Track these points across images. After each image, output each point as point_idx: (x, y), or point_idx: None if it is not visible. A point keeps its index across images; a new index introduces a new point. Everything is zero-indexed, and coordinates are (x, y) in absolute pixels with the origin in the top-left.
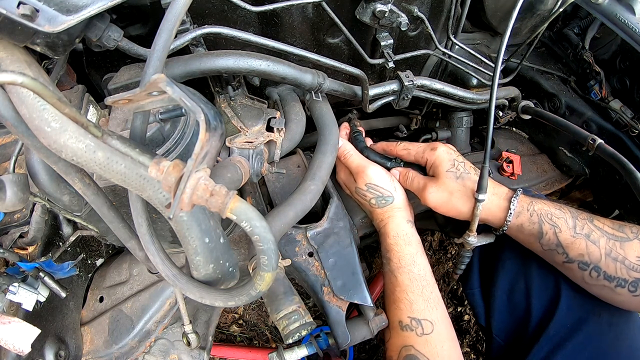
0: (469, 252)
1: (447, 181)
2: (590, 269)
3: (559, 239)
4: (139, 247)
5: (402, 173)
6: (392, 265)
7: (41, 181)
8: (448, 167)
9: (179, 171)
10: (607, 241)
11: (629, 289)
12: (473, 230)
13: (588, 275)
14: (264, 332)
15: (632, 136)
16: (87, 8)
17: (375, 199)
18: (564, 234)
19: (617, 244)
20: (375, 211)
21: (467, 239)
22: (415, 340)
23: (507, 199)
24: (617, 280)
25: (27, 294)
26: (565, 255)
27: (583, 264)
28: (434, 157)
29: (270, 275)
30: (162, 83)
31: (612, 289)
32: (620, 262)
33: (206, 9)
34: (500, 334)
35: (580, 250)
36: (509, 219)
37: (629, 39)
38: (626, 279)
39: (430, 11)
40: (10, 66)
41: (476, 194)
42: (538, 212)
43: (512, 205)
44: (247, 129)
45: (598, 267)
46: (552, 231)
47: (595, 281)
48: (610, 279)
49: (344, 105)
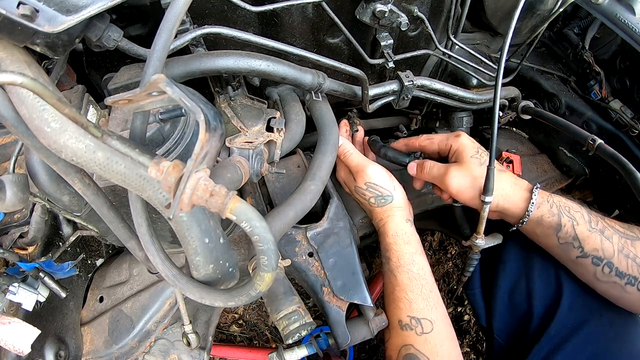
0: (477, 255)
1: (472, 166)
2: (604, 265)
3: (576, 231)
4: (139, 247)
5: (419, 164)
6: (391, 264)
7: (41, 181)
8: (472, 153)
9: (179, 171)
10: (620, 238)
11: (638, 287)
12: (481, 232)
13: (600, 271)
14: (264, 332)
15: (632, 136)
16: (87, 8)
17: (375, 198)
18: (581, 227)
19: (629, 242)
20: (374, 210)
21: (475, 241)
22: (415, 340)
23: (529, 190)
24: (628, 278)
25: (27, 294)
26: (581, 250)
27: (597, 259)
28: (458, 144)
29: (270, 276)
30: (162, 83)
31: (622, 286)
32: (632, 260)
33: (206, 9)
34: (501, 334)
35: (595, 245)
36: (530, 208)
37: (629, 39)
38: (637, 277)
39: (430, 11)
40: (10, 66)
41: (483, 197)
42: (557, 203)
43: (534, 195)
44: (247, 129)
45: (611, 262)
46: (570, 224)
47: (607, 277)
48: (622, 275)
49: (344, 105)
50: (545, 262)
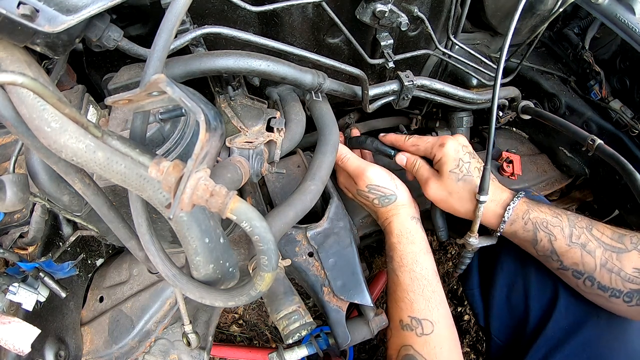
0: (470, 253)
1: (448, 181)
2: (585, 278)
3: (553, 246)
4: (139, 247)
5: (410, 160)
6: (394, 264)
7: (41, 181)
8: (452, 167)
9: (179, 171)
10: (604, 252)
11: (624, 299)
12: (474, 231)
13: (582, 284)
14: (264, 332)
15: (632, 136)
16: (87, 8)
17: (378, 199)
18: (559, 242)
19: (614, 255)
20: (379, 210)
21: (469, 240)
22: (415, 340)
23: (504, 207)
24: (612, 291)
25: (27, 294)
26: (560, 263)
27: (577, 273)
28: (441, 155)
29: (270, 276)
30: (162, 83)
31: (606, 298)
32: (616, 274)
33: (206, 9)
34: (499, 334)
35: (575, 259)
36: (502, 226)
37: (629, 39)
38: (621, 289)
39: (430, 11)
40: (10, 66)
41: (478, 196)
42: (533, 220)
43: (507, 213)
44: (247, 129)
45: (592, 277)
46: (547, 239)
47: (589, 290)
48: (605, 289)
49: (344, 105)
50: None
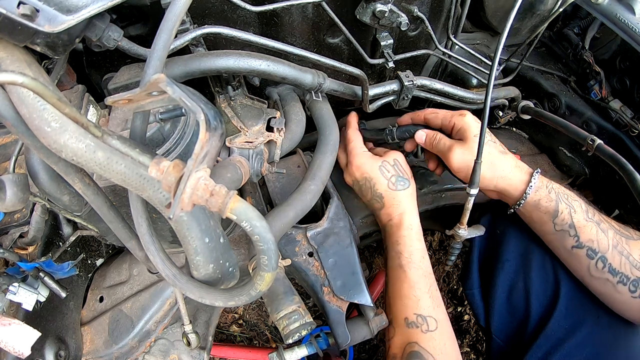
0: (458, 244)
1: (474, 145)
2: (597, 259)
3: (572, 219)
4: (139, 247)
5: (430, 134)
6: (403, 259)
7: (41, 181)
8: (476, 132)
9: (179, 171)
10: (615, 234)
11: (629, 288)
12: (464, 222)
13: (594, 266)
14: (264, 332)
15: (632, 136)
16: (87, 8)
17: (396, 177)
18: (578, 216)
19: (623, 239)
20: (390, 195)
21: (458, 231)
22: (421, 337)
23: (529, 173)
24: (620, 276)
25: (27, 294)
26: (577, 239)
27: (592, 251)
28: (462, 122)
29: (270, 275)
30: (162, 83)
31: (614, 284)
32: (625, 257)
33: (206, 9)
34: (500, 334)
35: (591, 235)
36: (528, 191)
37: (629, 39)
38: (628, 276)
39: (430, 11)
40: (10, 66)
41: (468, 189)
42: (556, 190)
43: (534, 179)
44: (247, 129)
45: (605, 257)
46: (568, 211)
47: (600, 273)
48: (614, 272)
49: (344, 105)
50: (544, 262)
